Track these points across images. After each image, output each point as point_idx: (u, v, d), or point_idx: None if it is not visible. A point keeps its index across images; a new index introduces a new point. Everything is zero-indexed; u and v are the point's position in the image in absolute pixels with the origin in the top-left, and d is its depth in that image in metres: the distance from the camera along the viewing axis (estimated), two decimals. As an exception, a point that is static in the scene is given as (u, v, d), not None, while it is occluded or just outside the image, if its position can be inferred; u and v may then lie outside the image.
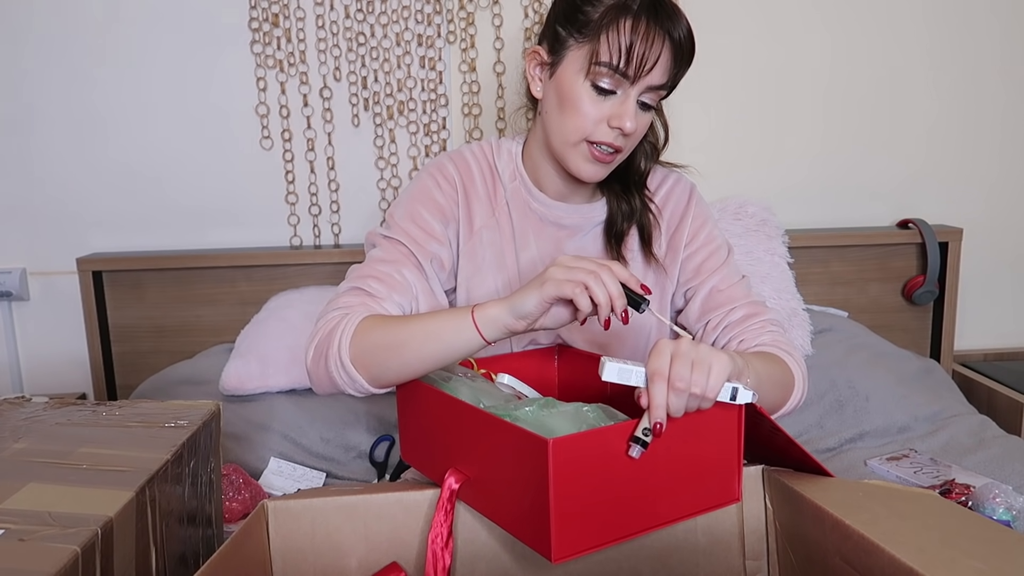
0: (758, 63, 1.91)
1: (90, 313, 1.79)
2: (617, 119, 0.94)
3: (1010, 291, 2.08)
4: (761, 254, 1.77)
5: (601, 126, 0.95)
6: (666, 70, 0.94)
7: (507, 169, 1.08)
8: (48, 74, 1.76)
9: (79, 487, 0.67)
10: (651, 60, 0.92)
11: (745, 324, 1.03)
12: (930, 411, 1.55)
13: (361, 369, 0.89)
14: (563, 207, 1.07)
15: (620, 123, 0.94)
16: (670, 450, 0.73)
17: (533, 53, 1.01)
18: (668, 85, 0.96)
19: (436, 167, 1.07)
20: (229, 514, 1.18)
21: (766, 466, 0.85)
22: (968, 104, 1.98)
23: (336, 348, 0.89)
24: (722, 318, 1.04)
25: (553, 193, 1.07)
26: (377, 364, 0.88)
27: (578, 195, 1.08)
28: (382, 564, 0.80)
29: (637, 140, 1.00)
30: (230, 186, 1.85)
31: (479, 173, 1.07)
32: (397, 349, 0.86)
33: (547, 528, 0.67)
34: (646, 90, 0.95)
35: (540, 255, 1.07)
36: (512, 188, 1.08)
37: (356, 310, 0.93)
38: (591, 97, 0.95)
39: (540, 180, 1.07)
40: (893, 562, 0.62)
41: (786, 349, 1.00)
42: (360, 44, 1.81)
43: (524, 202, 1.07)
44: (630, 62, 0.91)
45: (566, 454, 0.66)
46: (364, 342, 0.88)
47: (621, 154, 0.99)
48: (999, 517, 1.07)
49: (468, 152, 1.09)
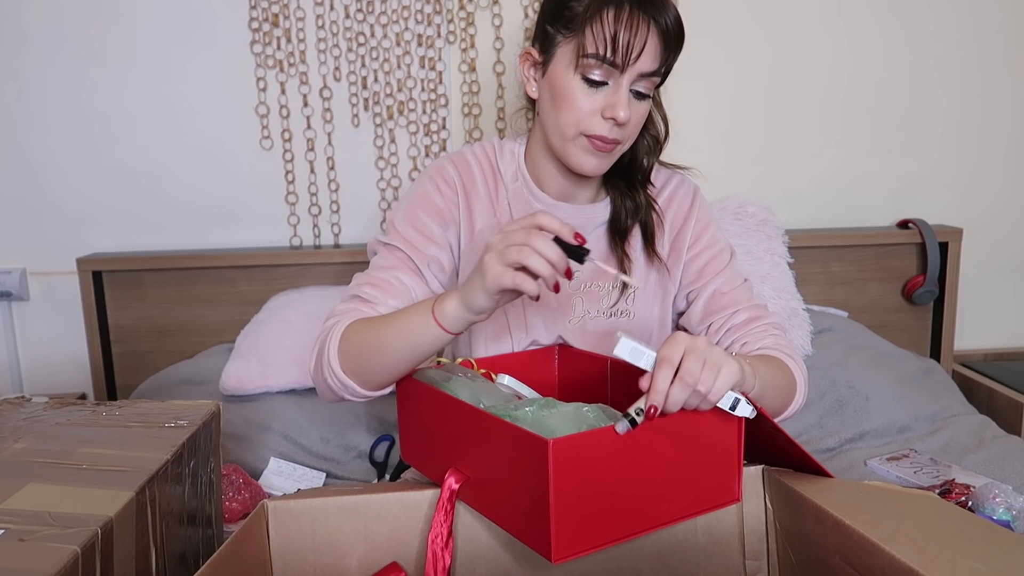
0: (758, 63, 1.91)
1: (90, 313, 1.79)
2: (610, 109, 0.94)
3: (1010, 291, 2.08)
4: (761, 254, 1.77)
5: (595, 118, 0.95)
6: (655, 56, 0.93)
7: (509, 169, 1.08)
8: (48, 74, 1.76)
9: (79, 487, 0.67)
10: (637, 47, 0.91)
11: (748, 327, 1.03)
12: (930, 411, 1.55)
13: (351, 375, 0.90)
14: (566, 207, 1.07)
15: (613, 113, 0.94)
16: (670, 450, 0.73)
17: (526, 55, 1.01)
18: (660, 72, 0.96)
19: (436, 170, 1.07)
20: (229, 514, 1.18)
21: (766, 466, 0.85)
22: (968, 104, 1.98)
23: (327, 356, 0.90)
24: (725, 321, 1.05)
25: (556, 194, 1.07)
26: (362, 368, 0.89)
27: (581, 195, 1.08)
28: (382, 564, 0.80)
29: (635, 131, 0.99)
30: (230, 186, 1.85)
31: (480, 174, 1.07)
32: (376, 351, 0.88)
33: (547, 528, 0.67)
34: (637, 78, 0.94)
35: None
36: (514, 188, 1.08)
37: (348, 316, 0.94)
38: (583, 90, 0.95)
39: (542, 180, 1.07)
40: (893, 562, 0.62)
41: (788, 353, 1.01)
42: (360, 44, 1.81)
43: (526, 202, 1.07)
44: (616, 51, 0.91)
45: (566, 454, 0.66)
46: (349, 347, 0.90)
47: (621, 146, 0.99)
48: (999, 517, 1.07)
49: (470, 153, 1.09)
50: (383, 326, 0.89)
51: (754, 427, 0.79)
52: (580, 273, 1.08)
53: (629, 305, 1.08)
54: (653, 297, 1.10)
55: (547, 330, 1.07)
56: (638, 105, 0.97)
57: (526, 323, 1.06)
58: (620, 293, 1.08)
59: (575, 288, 1.07)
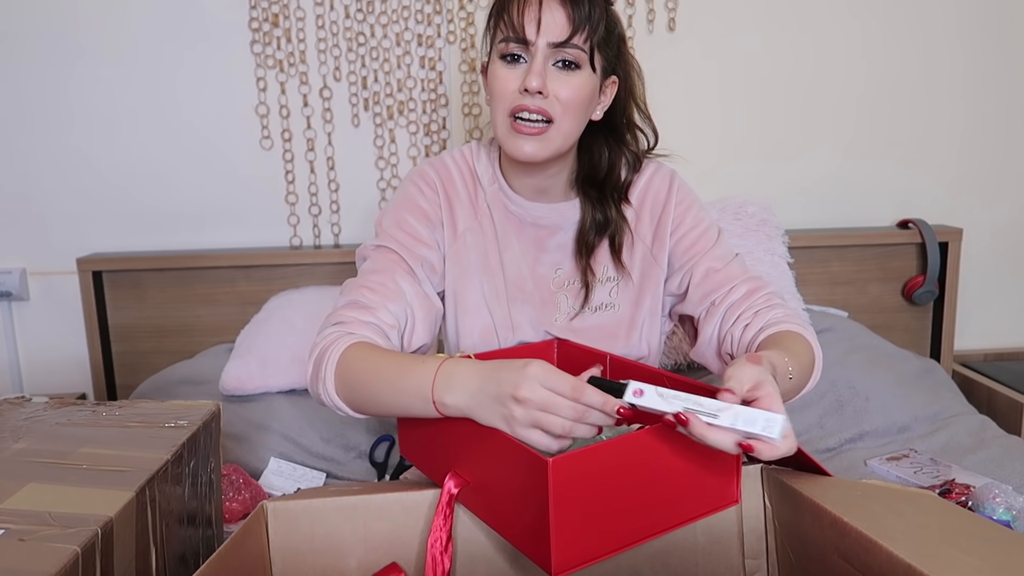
0: (758, 63, 1.91)
1: (90, 313, 1.79)
2: (525, 80, 0.95)
3: (1010, 291, 2.08)
4: (761, 254, 1.77)
5: (516, 94, 0.96)
6: (564, 24, 0.94)
7: (486, 173, 1.09)
8: (48, 74, 1.77)
9: (79, 487, 0.67)
10: (532, 17, 0.94)
11: (749, 300, 1.01)
12: (930, 411, 1.54)
13: (344, 400, 0.90)
14: (539, 207, 1.08)
15: (527, 82, 0.94)
16: (669, 457, 0.73)
17: (482, 68, 1.04)
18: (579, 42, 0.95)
19: (418, 174, 1.08)
20: (229, 514, 1.19)
21: (765, 465, 0.85)
22: (968, 104, 1.98)
23: (323, 374, 0.90)
24: (723, 297, 1.03)
25: (527, 194, 1.08)
26: (355, 401, 0.89)
27: (550, 193, 1.08)
28: (382, 564, 0.80)
29: (569, 108, 0.97)
30: (230, 186, 1.85)
31: (460, 178, 1.08)
32: (370, 399, 0.87)
33: (547, 543, 0.67)
34: (551, 48, 0.94)
35: (523, 254, 1.08)
36: (491, 191, 1.09)
37: (349, 327, 0.93)
38: (503, 70, 0.97)
39: (512, 182, 1.08)
40: (891, 559, 0.63)
41: (798, 322, 0.98)
42: (360, 44, 1.81)
43: (503, 204, 1.08)
44: (516, 25, 0.94)
45: (566, 472, 0.66)
46: (345, 376, 0.89)
47: (553, 126, 0.97)
48: (999, 517, 1.07)
49: (449, 158, 1.10)
50: (382, 377, 0.85)
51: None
52: (563, 270, 1.08)
53: (614, 298, 1.08)
54: (639, 287, 1.09)
55: (534, 329, 1.07)
56: (564, 77, 0.96)
57: (512, 323, 1.06)
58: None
59: (558, 286, 1.08)
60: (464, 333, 1.07)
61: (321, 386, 0.90)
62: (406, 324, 0.98)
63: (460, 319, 1.06)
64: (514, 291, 1.07)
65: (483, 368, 0.76)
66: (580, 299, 1.08)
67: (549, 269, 1.08)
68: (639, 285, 1.09)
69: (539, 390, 0.70)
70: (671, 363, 1.73)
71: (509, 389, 0.71)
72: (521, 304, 1.07)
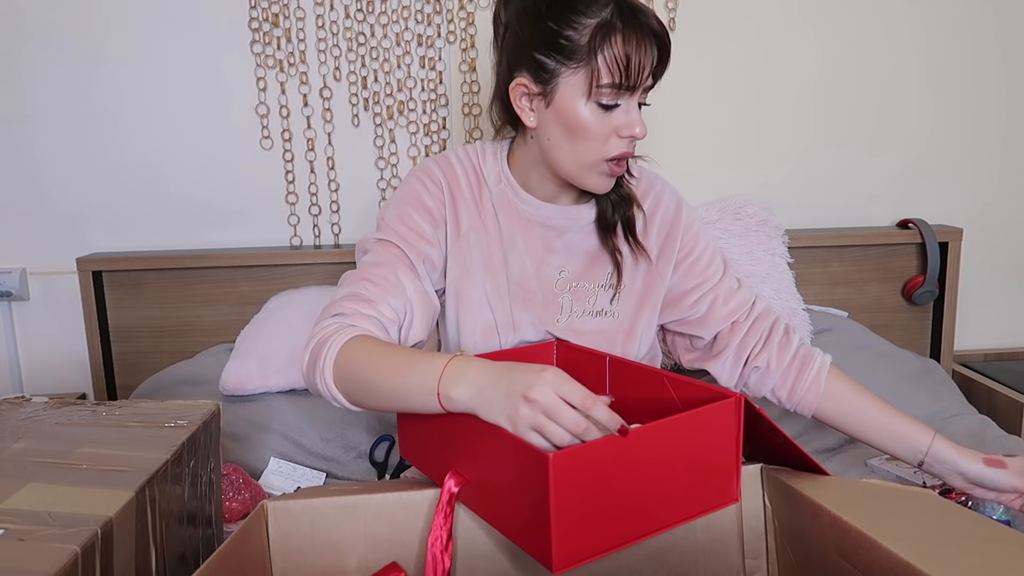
0: (758, 63, 1.91)
1: (90, 313, 1.79)
2: (627, 128, 0.96)
3: (1010, 291, 2.08)
4: (761, 254, 1.77)
5: (612, 140, 0.97)
6: (655, 68, 0.97)
7: (492, 172, 1.09)
8: (48, 74, 1.77)
9: (79, 487, 0.67)
10: (648, 66, 0.94)
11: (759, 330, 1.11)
12: (930, 411, 1.54)
13: (342, 392, 0.89)
14: (551, 208, 1.08)
15: (631, 132, 0.96)
16: (670, 455, 0.73)
17: (518, 85, 0.99)
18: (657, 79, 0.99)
19: (422, 170, 1.08)
20: (229, 514, 1.19)
21: (765, 464, 0.85)
22: (968, 104, 1.98)
23: (322, 364, 0.89)
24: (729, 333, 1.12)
25: (542, 196, 1.08)
26: (353, 394, 0.89)
27: (566, 197, 1.09)
28: (382, 564, 0.80)
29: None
30: (230, 186, 1.85)
31: (464, 177, 1.08)
32: (371, 392, 0.86)
33: (548, 539, 0.67)
34: (642, 92, 0.97)
35: (529, 254, 1.08)
36: (498, 191, 1.08)
37: (351, 319, 0.93)
38: (598, 117, 0.95)
39: (528, 184, 1.08)
40: (890, 558, 0.63)
41: (805, 343, 1.12)
42: (360, 44, 1.81)
43: (511, 204, 1.08)
44: (630, 75, 0.93)
45: (567, 468, 0.66)
46: (345, 368, 0.88)
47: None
48: (999, 517, 1.07)
49: (453, 156, 1.10)
50: (385, 370, 0.85)
51: (752, 426, 0.79)
52: (567, 272, 1.09)
53: (614, 306, 1.09)
54: (640, 299, 1.10)
55: (535, 329, 1.07)
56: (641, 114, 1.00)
57: (514, 322, 1.06)
58: (613, 293, 1.09)
59: (562, 288, 1.08)
60: (466, 331, 1.07)
61: (319, 376, 0.90)
62: (405, 319, 0.98)
63: (462, 317, 1.06)
64: (517, 291, 1.07)
65: (496, 366, 0.76)
66: (583, 301, 1.08)
67: (554, 270, 1.08)
68: (641, 296, 1.10)
69: (550, 395, 0.71)
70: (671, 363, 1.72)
71: (521, 388, 0.71)
72: (523, 304, 1.07)
